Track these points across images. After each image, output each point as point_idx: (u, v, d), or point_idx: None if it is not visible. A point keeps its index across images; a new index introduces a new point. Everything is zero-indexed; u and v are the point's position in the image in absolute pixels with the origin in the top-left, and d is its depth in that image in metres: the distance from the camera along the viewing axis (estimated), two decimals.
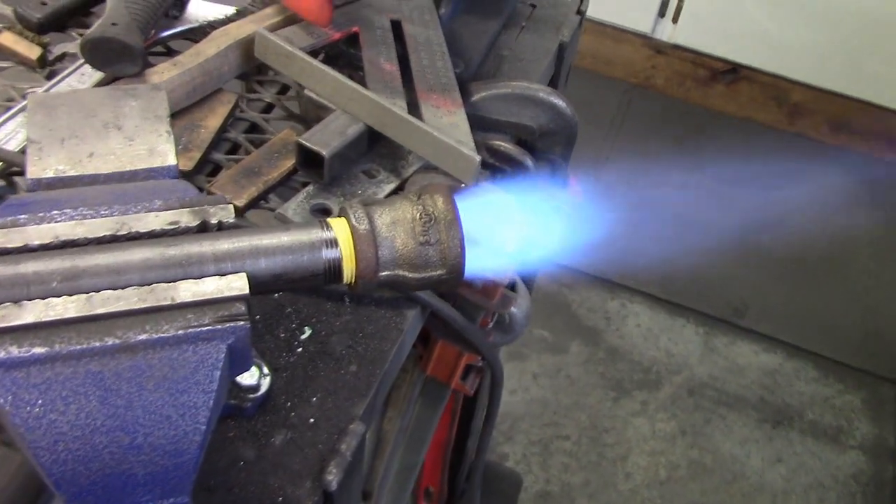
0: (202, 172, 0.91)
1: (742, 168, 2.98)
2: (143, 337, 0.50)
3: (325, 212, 0.87)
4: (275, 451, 0.69)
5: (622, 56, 3.47)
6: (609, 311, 2.69)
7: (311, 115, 0.95)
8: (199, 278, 0.53)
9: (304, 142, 0.87)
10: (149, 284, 0.52)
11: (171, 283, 0.52)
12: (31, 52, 0.99)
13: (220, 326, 0.51)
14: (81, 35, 1.03)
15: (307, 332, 0.78)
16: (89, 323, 0.50)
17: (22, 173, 0.89)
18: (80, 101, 0.71)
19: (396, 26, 1.05)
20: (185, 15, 1.04)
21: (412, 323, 0.81)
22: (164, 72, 0.92)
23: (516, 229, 0.66)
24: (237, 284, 0.53)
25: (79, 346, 0.49)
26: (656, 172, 2.96)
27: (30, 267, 0.51)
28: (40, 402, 0.49)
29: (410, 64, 0.99)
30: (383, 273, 0.57)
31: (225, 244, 0.54)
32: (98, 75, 0.95)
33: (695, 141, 3.25)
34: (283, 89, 1.04)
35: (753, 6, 3.18)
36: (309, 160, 0.88)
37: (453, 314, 0.81)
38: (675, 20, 3.32)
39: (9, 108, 0.91)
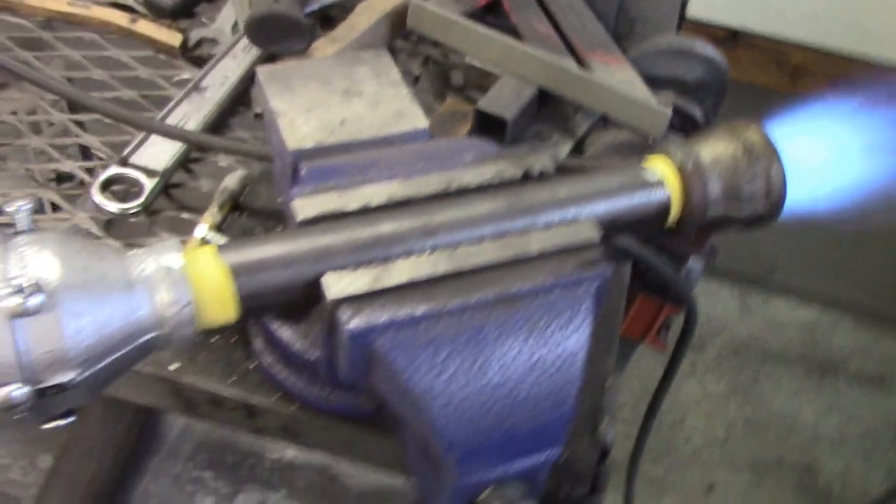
0: None
1: None
2: (517, 287, 0.49)
3: None
4: None
5: None
6: None
7: (472, 82, 0.94)
8: (547, 226, 0.52)
9: (484, 108, 0.86)
10: (500, 236, 0.51)
11: (523, 233, 0.51)
12: (173, 39, 0.96)
13: (586, 273, 0.50)
14: (212, 21, 1.01)
15: None
16: (457, 278, 0.49)
17: (198, 160, 0.87)
18: (310, 71, 0.69)
19: None
20: None
21: (626, 277, 0.80)
22: (326, 47, 0.90)
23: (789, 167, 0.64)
24: (586, 229, 0.52)
25: (459, 301, 0.48)
26: None
27: (384, 227, 0.50)
28: (430, 360, 0.47)
29: (561, 26, 0.98)
30: (711, 212, 0.56)
31: (563, 191, 0.53)
32: (250, 57, 0.93)
33: None
34: (425, 61, 1.02)
35: None
36: (486, 126, 0.87)
37: (663, 264, 0.80)
38: None
39: (169, 100, 0.88)
